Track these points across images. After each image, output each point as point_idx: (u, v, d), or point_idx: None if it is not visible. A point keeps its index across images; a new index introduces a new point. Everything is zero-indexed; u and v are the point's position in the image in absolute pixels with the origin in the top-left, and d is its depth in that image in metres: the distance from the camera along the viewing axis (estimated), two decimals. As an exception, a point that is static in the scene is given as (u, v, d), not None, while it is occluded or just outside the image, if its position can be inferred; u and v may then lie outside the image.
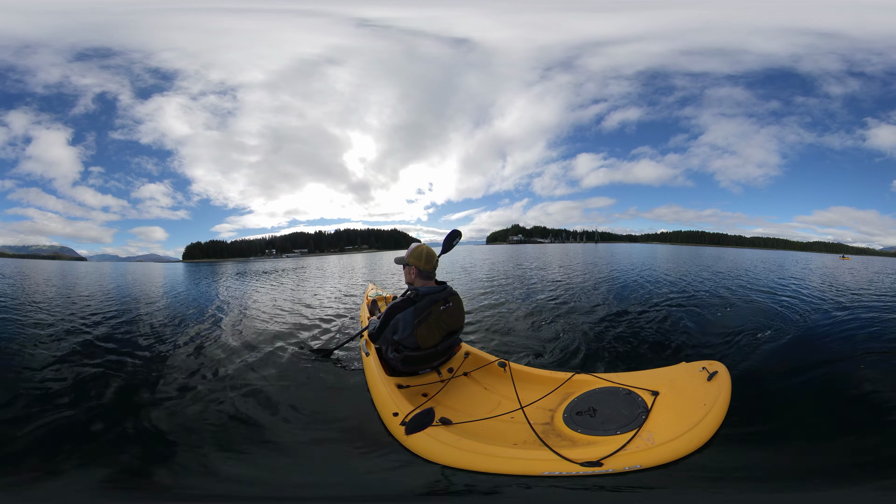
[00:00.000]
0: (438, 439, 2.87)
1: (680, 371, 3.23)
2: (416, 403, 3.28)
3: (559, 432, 2.96)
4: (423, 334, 3.50)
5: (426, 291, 3.59)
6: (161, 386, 4.23)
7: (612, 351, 5.03)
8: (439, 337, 3.62)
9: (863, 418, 3.38)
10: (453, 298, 3.70)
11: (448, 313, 3.64)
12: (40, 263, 40.13)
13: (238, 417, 3.61)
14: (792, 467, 2.85)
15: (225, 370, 4.64)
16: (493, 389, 3.68)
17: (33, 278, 18.97)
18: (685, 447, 2.60)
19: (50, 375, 4.44)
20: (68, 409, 3.73)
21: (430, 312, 3.52)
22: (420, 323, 3.47)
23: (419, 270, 3.68)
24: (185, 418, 3.60)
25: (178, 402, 3.90)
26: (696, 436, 2.64)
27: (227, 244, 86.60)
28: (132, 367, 4.79)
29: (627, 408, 2.96)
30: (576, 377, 3.47)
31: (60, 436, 3.32)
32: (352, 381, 4.20)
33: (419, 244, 3.75)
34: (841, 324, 6.05)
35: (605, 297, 9.34)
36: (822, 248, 74.77)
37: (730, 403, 2.88)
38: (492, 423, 3.14)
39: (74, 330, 6.65)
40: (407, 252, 3.76)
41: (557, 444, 2.79)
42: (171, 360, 5.04)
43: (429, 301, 3.54)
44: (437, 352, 3.71)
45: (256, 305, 9.56)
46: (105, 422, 3.53)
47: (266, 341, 5.82)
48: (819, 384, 4.01)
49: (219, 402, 3.87)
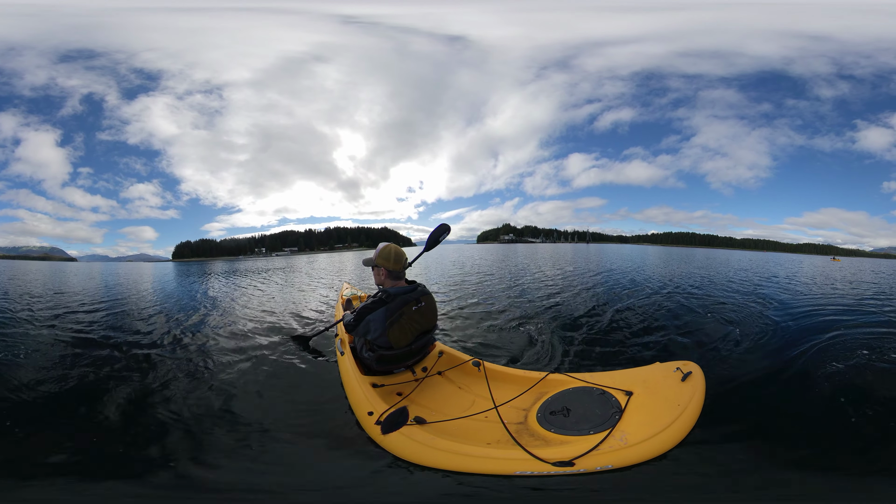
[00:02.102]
0: (413, 438, 2.85)
1: (654, 371, 3.23)
2: (391, 402, 3.26)
3: (533, 432, 2.95)
4: (395, 335, 3.46)
5: (397, 292, 3.54)
6: (131, 382, 4.17)
7: (588, 351, 5.02)
8: (412, 337, 3.58)
9: (834, 420, 3.40)
10: (426, 298, 3.67)
11: (420, 313, 3.60)
12: (30, 264, 39.85)
13: (212, 416, 3.54)
14: (765, 469, 2.85)
15: (198, 367, 4.58)
16: (467, 389, 3.66)
17: (20, 278, 18.73)
18: (658, 447, 2.60)
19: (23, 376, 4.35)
20: (34, 407, 3.69)
21: (403, 313, 3.48)
22: (392, 324, 3.43)
23: (388, 271, 3.63)
24: (154, 416, 3.55)
25: (152, 398, 3.84)
26: (669, 436, 2.63)
27: (217, 243, 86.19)
28: (95, 363, 4.72)
29: (601, 408, 2.95)
30: (550, 377, 3.46)
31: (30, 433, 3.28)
32: (327, 379, 4.16)
33: (387, 244, 3.69)
34: (819, 326, 6.09)
35: (583, 296, 9.33)
36: (812, 250, 75.54)
37: (704, 404, 2.88)
38: (466, 422, 3.13)
39: (53, 331, 6.56)
40: (375, 253, 3.71)
41: (531, 443, 2.78)
42: (144, 357, 4.96)
43: (400, 302, 3.50)
44: (410, 351, 3.68)
45: (237, 303, 9.50)
46: (62, 419, 3.51)
47: (242, 338, 5.77)
48: (794, 386, 4.03)
49: (191, 399, 3.81)
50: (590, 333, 5.86)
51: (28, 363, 4.70)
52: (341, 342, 4.12)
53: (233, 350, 5.17)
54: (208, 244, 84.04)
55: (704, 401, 2.89)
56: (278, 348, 5.17)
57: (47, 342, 5.62)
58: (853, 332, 5.57)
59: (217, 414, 3.58)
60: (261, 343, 5.47)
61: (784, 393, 3.91)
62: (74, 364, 4.69)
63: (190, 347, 5.38)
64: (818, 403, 3.69)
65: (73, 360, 4.81)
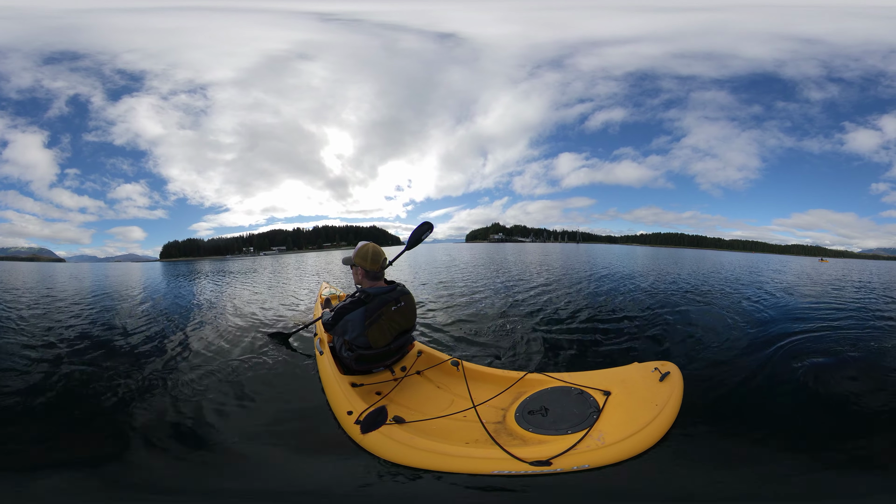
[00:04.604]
0: (392, 438, 2.85)
1: (632, 371, 3.25)
2: (371, 402, 3.24)
3: (511, 431, 2.95)
4: (374, 335, 3.44)
5: (376, 292, 3.51)
6: (108, 381, 4.13)
7: (567, 350, 5.03)
8: (391, 336, 3.56)
9: (811, 419, 3.46)
10: (405, 298, 3.64)
11: (400, 313, 3.58)
12: (18, 265, 39.42)
13: (188, 417, 3.50)
14: (742, 468, 2.86)
15: (177, 367, 4.54)
16: (446, 388, 3.66)
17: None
18: (635, 447, 2.62)
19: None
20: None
21: (382, 314, 3.45)
22: (371, 324, 3.41)
23: (366, 271, 3.59)
24: (129, 416, 3.50)
25: (128, 397, 3.81)
26: (646, 436, 2.65)
27: (204, 242, 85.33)
28: (65, 364, 4.68)
29: (579, 407, 2.96)
30: (528, 376, 3.47)
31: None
32: (305, 378, 4.14)
33: (366, 244, 3.64)
34: (796, 325, 6.18)
35: (565, 296, 9.34)
36: (800, 251, 76.07)
37: (682, 404, 2.90)
38: (444, 421, 3.12)
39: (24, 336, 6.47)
40: (354, 252, 3.66)
41: (509, 443, 2.78)
42: (123, 357, 4.94)
43: (379, 302, 3.47)
44: (389, 350, 3.66)
45: (219, 302, 9.43)
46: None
47: (221, 337, 5.73)
48: (771, 385, 4.08)
49: (169, 398, 3.78)
50: (569, 333, 5.88)
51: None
52: (320, 341, 4.09)
53: (212, 350, 5.12)
54: (195, 244, 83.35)
55: (682, 401, 2.91)
56: (257, 347, 5.12)
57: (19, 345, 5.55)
58: (829, 331, 5.74)
59: (192, 415, 3.52)
60: (240, 341, 5.42)
61: (761, 392, 3.95)
62: (52, 367, 4.62)
63: (168, 347, 5.32)
64: (792, 401, 3.76)
65: (51, 364, 4.73)
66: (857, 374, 4.22)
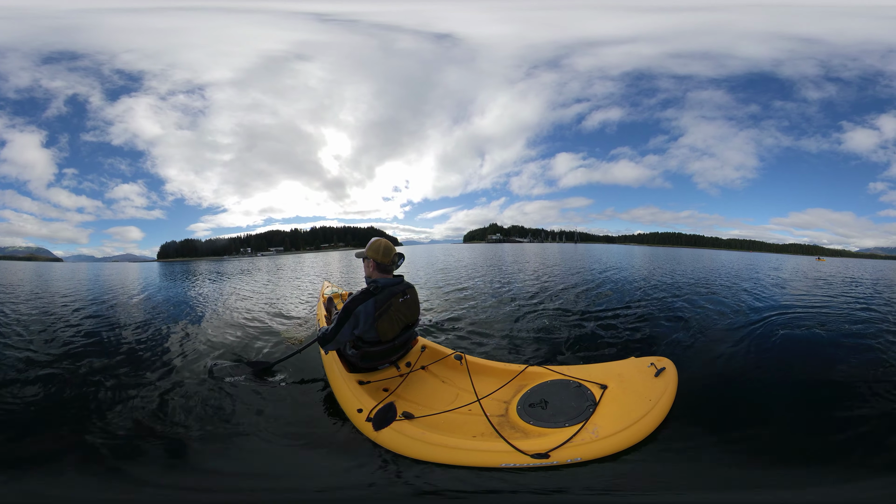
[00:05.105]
0: (404, 433, 2.92)
1: (629, 366, 3.34)
2: (379, 398, 3.31)
3: (513, 424, 3.03)
4: (383, 327, 3.53)
5: (385, 283, 3.62)
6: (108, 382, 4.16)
7: (566, 344, 5.11)
8: (398, 329, 3.67)
9: (803, 417, 3.49)
10: (410, 290, 3.77)
11: (406, 305, 3.70)
12: (16, 265, 39.20)
13: (202, 419, 3.51)
14: (733, 463, 2.88)
15: (184, 369, 4.57)
16: (450, 382, 3.74)
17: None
18: (627, 441, 2.71)
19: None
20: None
21: (391, 304, 3.56)
22: (381, 315, 3.50)
23: (377, 263, 3.70)
24: (130, 416, 3.53)
25: (128, 396, 3.85)
26: (638, 430, 2.75)
27: (202, 243, 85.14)
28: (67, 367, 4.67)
29: (576, 400, 3.04)
30: (529, 369, 3.55)
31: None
32: (311, 378, 4.20)
33: (378, 238, 3.78)
34: (792, 325, 6.26)
35: (564, 292, 9.47)
36: (798, 250, 76.20)
37: (676, 399, 2.98)
38: (451, 415, 3.19)
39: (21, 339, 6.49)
40: (367, 246, 3.81)
41: (512, 435, 2.86)
42: (124, 356, 4.99)
43: (388, 293, 3.58)
44: (395, 346, 3.76)
45: (219, 304, 9.45)
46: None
47: (221, 335, 5.79)
48: (766, 381, 4.14)
49: (177, 402, 3.81)
50: (569, 327, 5.98)
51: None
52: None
53: (215, 348, 5.17)
54: (193, 244, 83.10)
55: (676, 396, 3.00)
56: (262, 350, 5.17)
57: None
58: (827, 331, 5.79)
59: (206, 418, 3.54)
60: (241, 344, 5.46)
61: (755, 388, 4.01)
62: (49, 367, 4.65)
63: (172, 349, 5.34)
64: (785, 398, 3.79)
65: (48, 364, 4.75)
66: (851, 371, 4.23)
